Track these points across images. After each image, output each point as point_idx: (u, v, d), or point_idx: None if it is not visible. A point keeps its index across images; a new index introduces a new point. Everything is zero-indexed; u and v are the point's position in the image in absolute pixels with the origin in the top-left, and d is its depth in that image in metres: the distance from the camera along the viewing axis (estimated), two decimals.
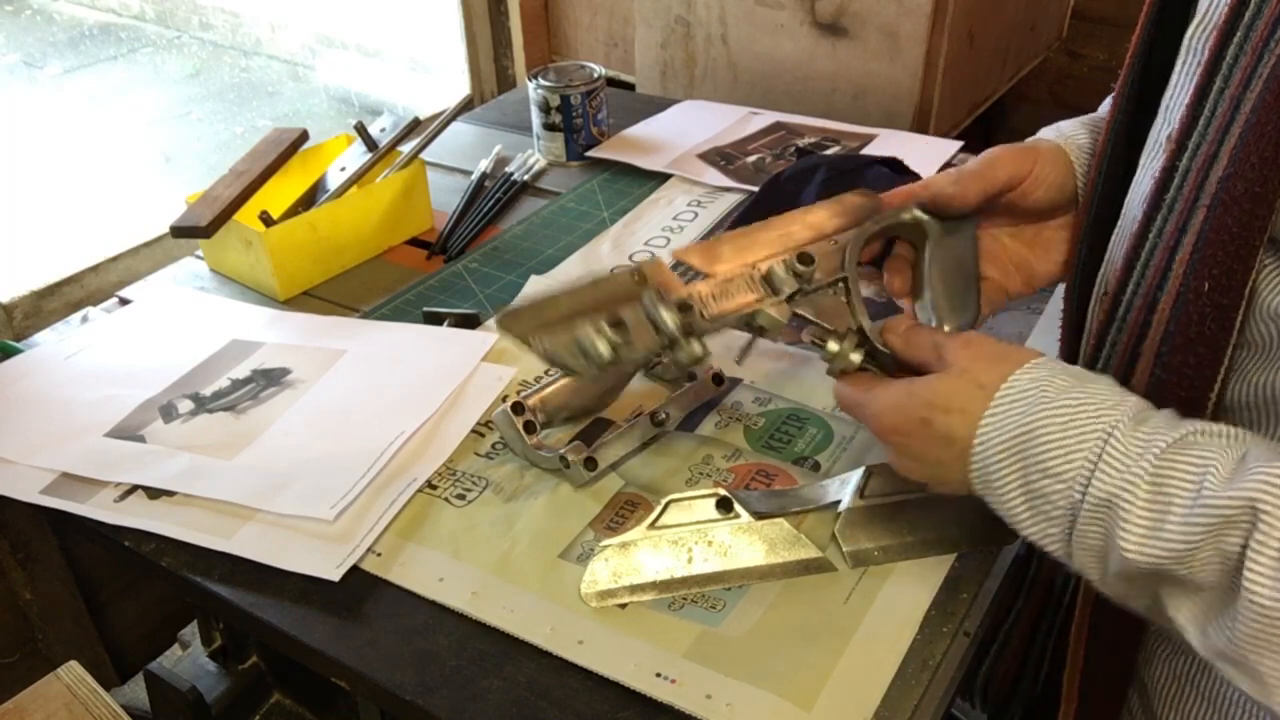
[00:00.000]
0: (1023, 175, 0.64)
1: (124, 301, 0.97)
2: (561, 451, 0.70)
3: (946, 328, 0.63)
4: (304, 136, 1.03)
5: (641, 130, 1.25)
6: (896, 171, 1.00)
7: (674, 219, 1.06)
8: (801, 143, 1.19)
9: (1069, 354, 0.66)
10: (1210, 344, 0.48)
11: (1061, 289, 0.68)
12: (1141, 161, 0.59)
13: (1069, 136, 0.67)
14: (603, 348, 0.55)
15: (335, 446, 0.74)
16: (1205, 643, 0.45)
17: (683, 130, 1.25)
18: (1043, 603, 0.67)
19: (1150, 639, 0.60)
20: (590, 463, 0.69)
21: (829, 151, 1.13)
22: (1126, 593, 0.49)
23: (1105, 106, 0.66)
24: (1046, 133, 0.68)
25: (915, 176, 1.01)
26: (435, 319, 0.89)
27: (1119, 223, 0.60)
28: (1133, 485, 0.45)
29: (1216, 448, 0.45)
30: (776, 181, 1.01)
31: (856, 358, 0.59)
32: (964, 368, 0.53)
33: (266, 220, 0.96)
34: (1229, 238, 0.46)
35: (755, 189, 1.02)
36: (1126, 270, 0.55)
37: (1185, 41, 0.54)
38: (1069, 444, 0.47)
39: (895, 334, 0.59)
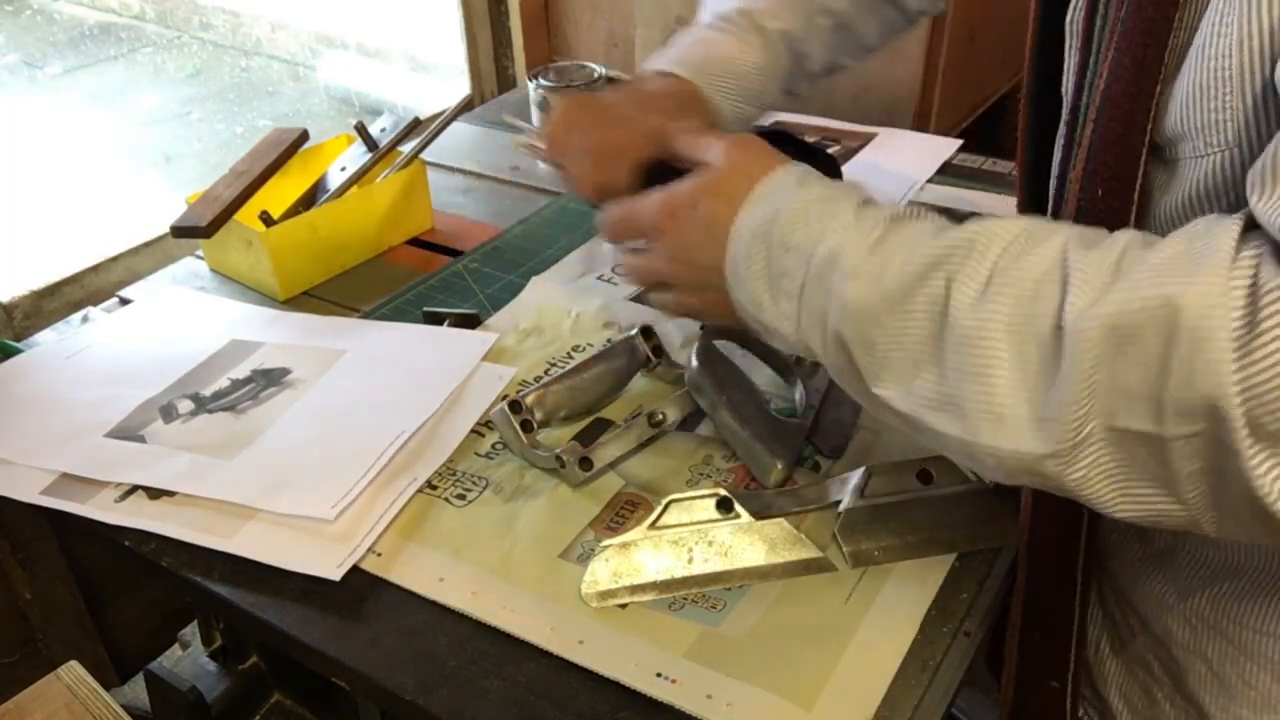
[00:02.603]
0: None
1: (124, 301, 0.97)
2: (558, 451, 0.70)
3: None
4: (304, 136, 1.03)
5: None
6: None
7: None
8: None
9: None
10: None
11: None
12: (1056, 145, 0.62)
13: (723, 100, 0.75)
14: None
15: (335, 446, 0.74)
16: (910, 397, 0.48)
17: None
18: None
19: (1159, 588, 0.61)
20: (586, 463, 0.69)
21: (830, 150, 1.13)
22: (847, 368, 0.51)
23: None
24: (700, 78, 0.75)
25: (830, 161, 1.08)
26: (435, 319, 0.89)
27: (1050, 201, 0.63)
28: (855, 238, 0.50)
29: (948, 215, 0.50)
30: None
31: None
32: (735, 160, 0.57)
33: (267, 220, 0.96)
34: (1114, 140, 0.50)
35: None
36: (1057, 209, 0.59)
37: (1067, 25, 0.58)
38: (810, 220, 0.52)
39: (682, 137, 0.62)
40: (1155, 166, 0.50)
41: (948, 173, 1.11)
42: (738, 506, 0.63)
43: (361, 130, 1.04)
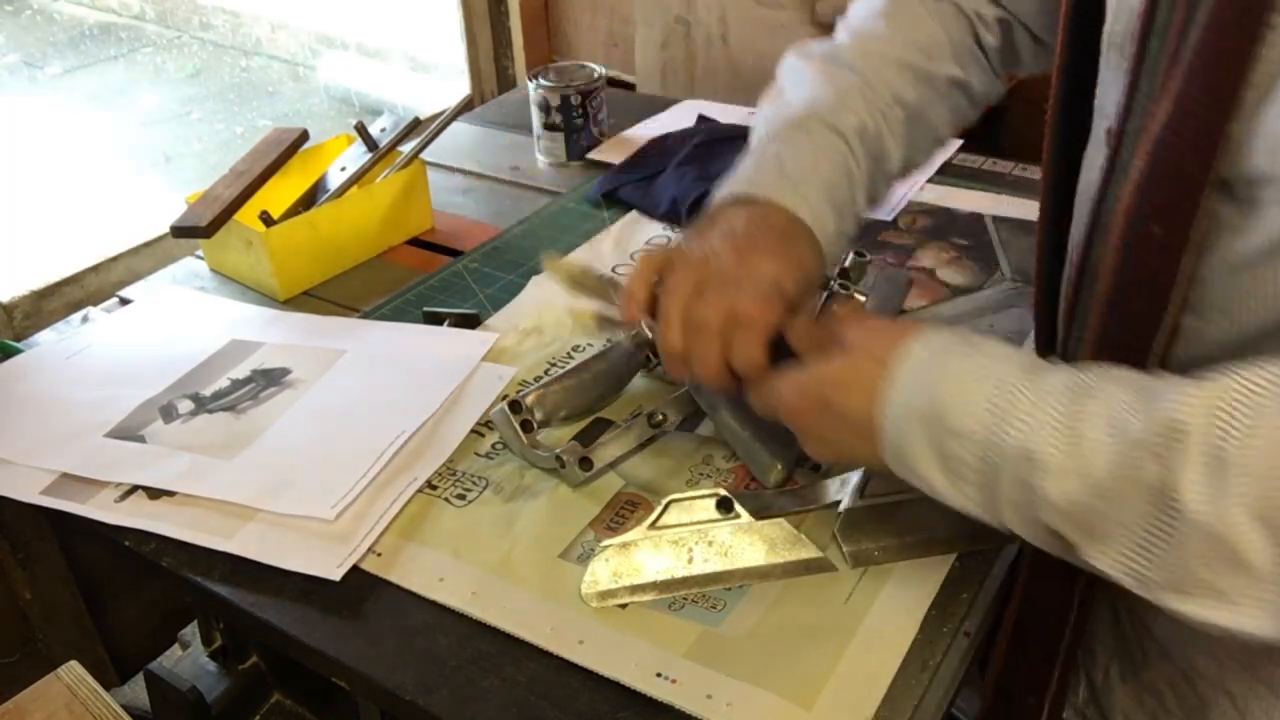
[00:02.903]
0: (782, 313, 0.62)
1: (124, 301, 0.97)
2: (558, 451, 0.70)
3: None
4: (304, 136, 1.03)
5: (641, 130, 1.25)
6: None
7: None
8: None
9: (1044, 348, 0.67)
10: (1154, 286, 0.49)
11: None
12: (1086, 156, 0.60)
13: (819, 219, 0.66)
14: None
15: (335, 446, 0.74)
16: (1144, 583, 0.45)
17: None
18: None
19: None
20: (585, 463, 0.69)
21: None
22: (1058, 546, 0.49)
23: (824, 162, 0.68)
24: (785, 196, 0.65)
25: None
26: (435, 319, 0.89)
27: (1075, 214, 0.61)
28: (1044, 430, 0.46)
29: (1123, 385, 0.46)
30: (664, 140, 1.14)
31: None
32: (856, 344, 0.54)
33: (267, 220, 0.97)
34: (1173, 175, 0.47)
35: None
36: (1087, 244, 0.56)
37: (1105, 40, 0.55)
38: (970, 402, 0.48)
39: (799, 336, 0.59)
40: (1223, 204, 0.47)
41: (948, 173, 1.11)
42: (738, 506, 0.63)
43: (361, 130, 1.04)
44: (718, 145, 1.09)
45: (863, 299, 0.81)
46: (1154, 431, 0.43)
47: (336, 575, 0.64)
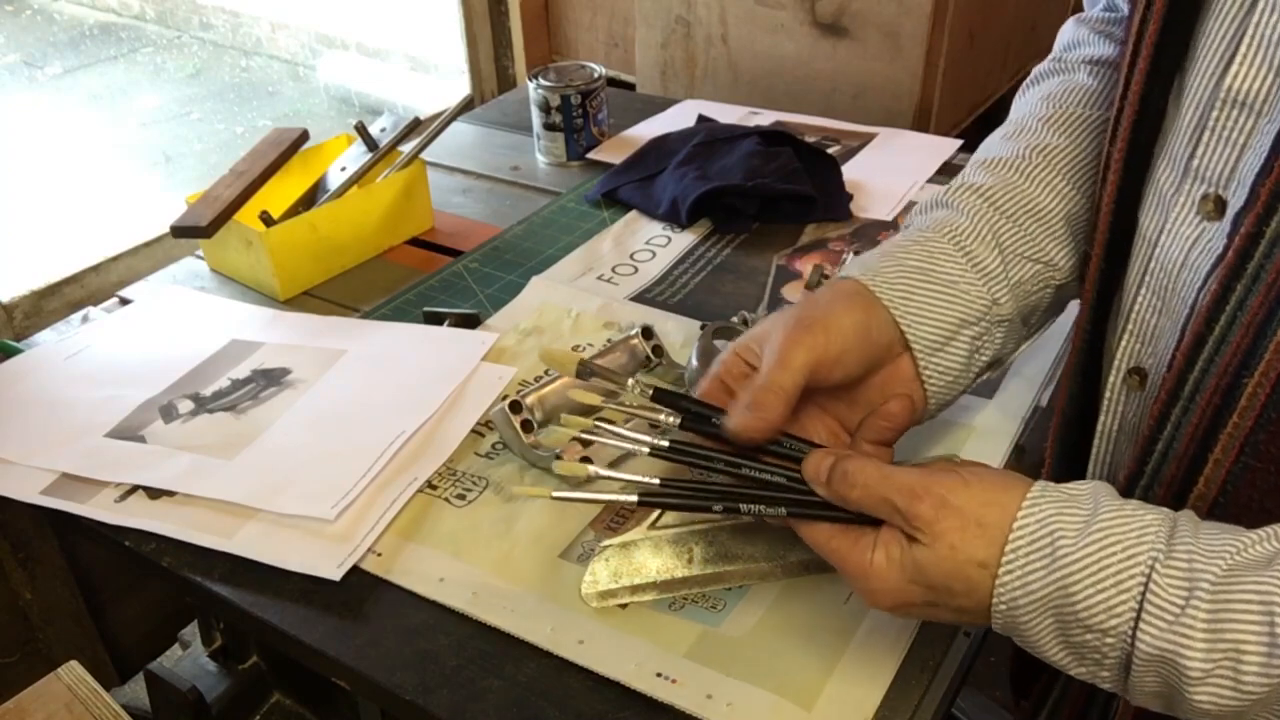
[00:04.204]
0: (817, 362, 0.53)
1: (124, 301, 0.97)
2: (557, 451, 0.70)
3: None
4: (304, 136, 1.03)
5: (642, 130, 1.25)
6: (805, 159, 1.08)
7: None
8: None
9: (1067, 452, 0.63)
10: None
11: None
12: (1150, 222, 0.53)
13: (874, 269, 0.58)
14: None
15: (335, 446, 0.74)
16: None
17: None
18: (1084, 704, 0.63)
19: None
20: (586, 462, 0.69)
21: (830, 150, 1.14)
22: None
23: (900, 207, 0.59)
24: (852, 270, 0.59)
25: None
26: (435, 319, 0.89)
27: (1133, 290, 0.55)
28: (1189, 639, 0.41)
29: (1270, 571, 0.40)
30: (664, 140, 1.14)
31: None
32: (953, 544, 0.46)
33: (267, 220, 0.97)
34: None
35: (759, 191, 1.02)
36: (1196, 347, 0.48)
37: (1207, 89, 0.49)
38: (1109, 596, 0.42)
39: (834, 489, 0.50)
40: None
41: (947, 173, 1.11)
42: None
43: (361, 130, 1.04)
44: (718, 145, 1.09)
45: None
46: None
47: (336, 575, 0.64)
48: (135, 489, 0.72)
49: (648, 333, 0.81)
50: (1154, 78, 0.52)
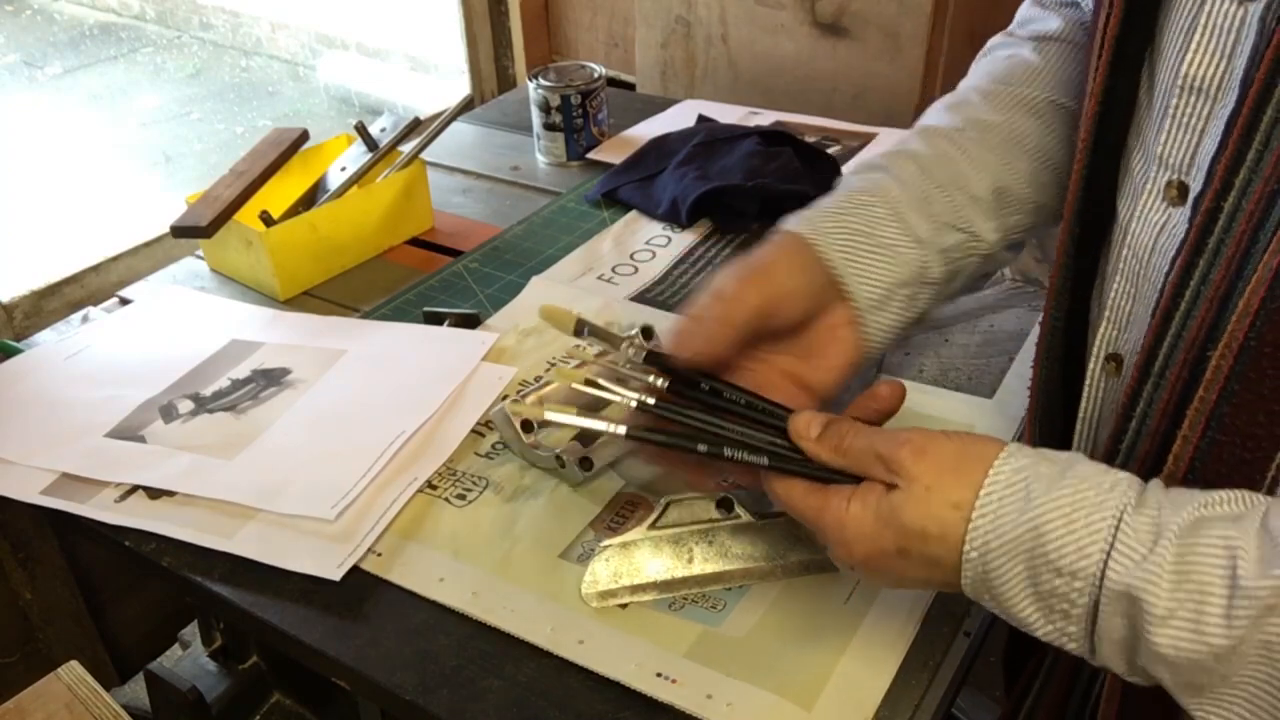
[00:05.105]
0: (765, 301, 0.57)
1: (124, 301, 0.97)
2: (558, 451, 0.70)
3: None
4: (304, 136, 1.03)
5: (642, 130, 1.25)
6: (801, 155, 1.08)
7: None
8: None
9: (1048, 429, 0.63)
10: None
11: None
12: (1124, 210, 0.54)
13: (817, 227, 0.60)
14: None
15: (335, 446, 0.74)
16: None
17: None
18: (1068, 688, 0.62)
19: None
20: (586, 462, 0.69)
21: (830, 150, 1.14)
22: (1149, 684, 0.45)
23: (862, 160, 0.62)
24: (794, 225, 0.61)
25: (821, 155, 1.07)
26: (435, 319, 0.89)
27: (1111, 278, 0.55)
28: (1155, 577, 0.41)
29: (1236, 526, 0.41)
30: (664, 140, 1.14)
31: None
32: (929, 484, 0.47)
33: (267, 220, 0.97)
34: None
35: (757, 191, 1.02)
36: (1164, 324, 0.49)
37: (1171, 79, 0.49)
38: (1079, 537, 0.43)
39: (824, 444, 0.51)
40: None
41: None
42: (738, 507, 0.63)
43: (361, 130, 1.04)
44: (718, 145, 1.09)
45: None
46: (1266, 586, 0.39)
47: (337, 575, 0.64)
48: (135, 489, 0.72)
49: (648, 333, 0.80)
50: (1117, 68, 0.53)
